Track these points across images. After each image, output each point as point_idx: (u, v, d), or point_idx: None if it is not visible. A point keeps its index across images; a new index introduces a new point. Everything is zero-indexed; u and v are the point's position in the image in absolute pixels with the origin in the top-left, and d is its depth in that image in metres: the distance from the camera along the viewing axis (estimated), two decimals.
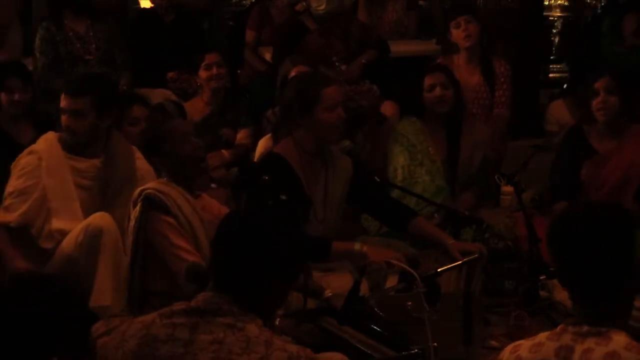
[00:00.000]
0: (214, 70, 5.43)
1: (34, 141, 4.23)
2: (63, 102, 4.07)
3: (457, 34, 5.47)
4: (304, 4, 6.26)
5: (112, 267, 3.79)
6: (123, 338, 2.27)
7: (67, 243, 3.90)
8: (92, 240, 3.80)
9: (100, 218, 3.86)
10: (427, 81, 4.79)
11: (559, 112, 5.85)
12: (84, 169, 4.10)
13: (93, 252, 3.80)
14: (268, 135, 4.90)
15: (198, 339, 2.20)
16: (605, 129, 4.57)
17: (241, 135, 5.45)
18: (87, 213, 3.99)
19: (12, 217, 4.00)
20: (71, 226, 3.94)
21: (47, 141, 4.13)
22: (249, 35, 6.63)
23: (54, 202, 4.01)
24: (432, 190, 4.65)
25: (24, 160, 4.10)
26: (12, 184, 4.06)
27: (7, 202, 4.04)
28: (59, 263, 3.89)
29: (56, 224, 3.99)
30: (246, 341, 2.18)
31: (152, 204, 3.45)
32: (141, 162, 4.19)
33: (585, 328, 2.11)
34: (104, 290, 3.74)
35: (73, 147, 4.10)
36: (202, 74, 5.46)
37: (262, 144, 4.90)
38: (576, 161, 4.60)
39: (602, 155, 4.58)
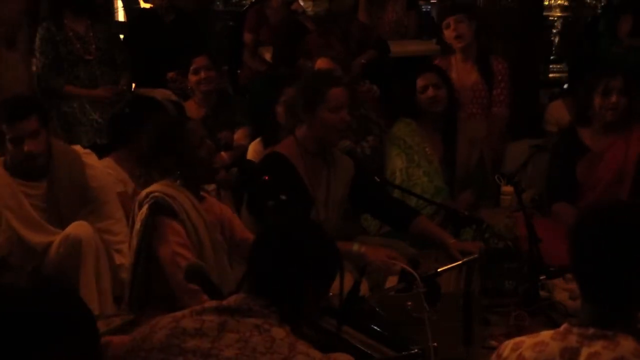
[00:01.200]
0: (202, 74, 5.44)
1: None
2: (14, 132, 3.87)
3: (447, 34, 5.45)
4: (300, 3, 6.27)
5: (95, 275, 3.79)
6: (153, 330, 2.31)
7: (51, 256, 3.85)
8: (73, 250, 3.78)
9: (78, 227, 3.84)
10: (420, 82, 4.80)
11: (558, 112, 5.84)
12: (33, 194, 3.99)
13: (75, 261, 3.78)
14: (258, 139, 4.91)
15: (225, 336, 2.23)
16: (602, 128, 4.54)
17: (239, 136, 5.44)
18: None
19: None
20: (47, 239, 3.89)
21: None
22: (247, 37, 6.64)
23: (22, 230, 3.91)
24: (430, 191, 4.65)
25: None
26: None
27: None
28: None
29: (34, 239, 3.92)
30: (271, 342, 2.21)
31: (160, 208, 3.39)
32: (94, 171, 4.11)
33: (591, 330, 2.08)
34: (90, 301, 3.70)
35: (20, 172, 3.97)
36: (191, 77, 5.48)
37: (252, 148, 4.91)
38: (571, 161, 4.59)
39: (595, 153, 4.56)
